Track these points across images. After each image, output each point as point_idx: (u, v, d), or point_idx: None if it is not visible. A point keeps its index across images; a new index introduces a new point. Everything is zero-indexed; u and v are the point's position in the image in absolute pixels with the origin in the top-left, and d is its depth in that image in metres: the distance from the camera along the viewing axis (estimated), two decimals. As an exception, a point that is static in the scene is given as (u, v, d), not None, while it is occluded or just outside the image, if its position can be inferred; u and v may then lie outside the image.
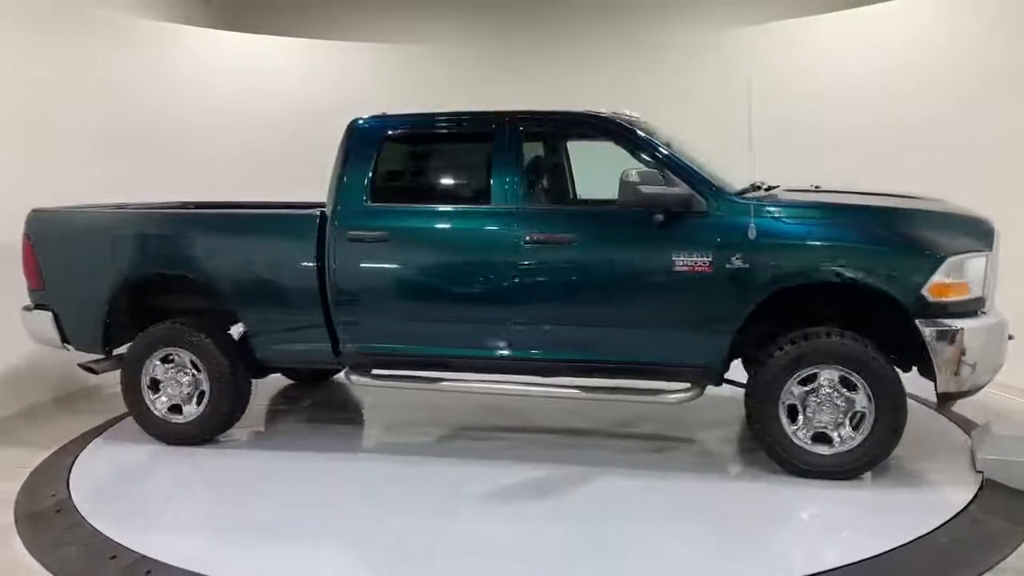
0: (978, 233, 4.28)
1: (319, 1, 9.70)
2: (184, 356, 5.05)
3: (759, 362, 4.37)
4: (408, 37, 9.45)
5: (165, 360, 5.09)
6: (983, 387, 4.31)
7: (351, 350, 4.89)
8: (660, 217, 4.37)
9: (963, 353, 4.14)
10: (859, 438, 4.26)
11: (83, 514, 4.16)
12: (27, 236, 5.29)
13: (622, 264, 4.49)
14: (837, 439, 4.29)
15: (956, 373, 4.16)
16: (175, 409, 5.11)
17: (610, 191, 5.36)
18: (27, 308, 5.41)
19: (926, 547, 3.60)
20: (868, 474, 4.35)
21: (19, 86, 6.42)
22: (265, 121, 8.63)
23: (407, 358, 4.86)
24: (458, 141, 5.11)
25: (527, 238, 4.52)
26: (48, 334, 5.31)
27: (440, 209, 4.85)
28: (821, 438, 4.32)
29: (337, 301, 4.77)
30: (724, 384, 4.62)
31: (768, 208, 4.33)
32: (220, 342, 5.02)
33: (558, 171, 5.59)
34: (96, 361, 5.35)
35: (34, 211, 5.36)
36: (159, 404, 5.10)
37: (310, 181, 5.82)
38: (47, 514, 4.23)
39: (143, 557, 3.65)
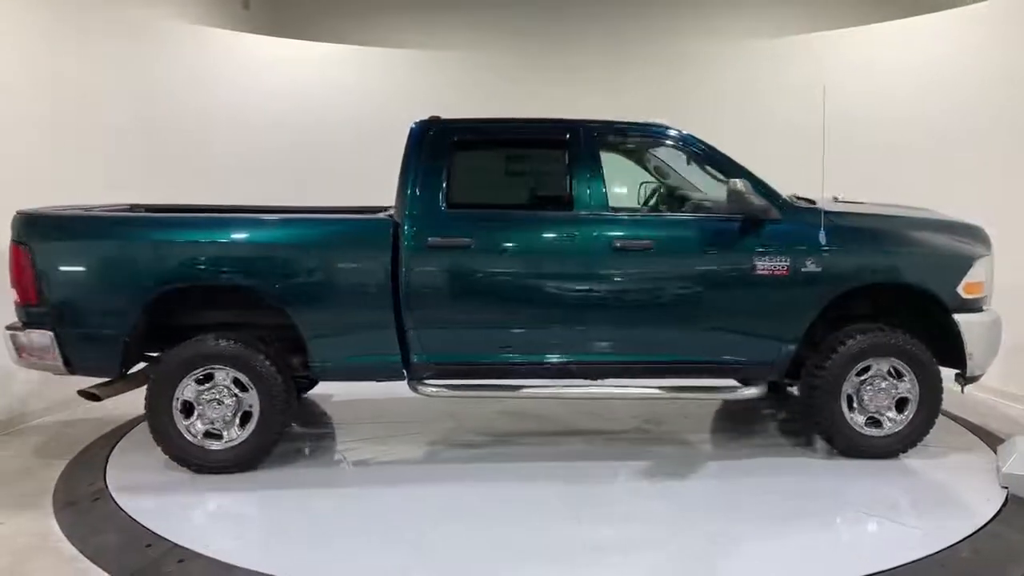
0: (984, 239, 5.01)
1: (357, 7, 9.49)
2: (226, 374, 4.59)
3: (821, 355, 4.80)
4: (441, 43, 9.32)
5: (198, 380, 4.59)
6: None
7: (423, 361, 4.71)
8: (736, 224, 4.69)
9: (983, 341, 4.86)
10: (905, 421, 4.84)
11: (119, 503, 4.27)
12: (20, 243, 4.51)
13: (707, 269, 4.71)
14: (887, 423, 4.85)
15: (976, 359, 4.85)
16: (209, 435, 4.62)
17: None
18: (13, 327, 4.62)
19: (948, 560, 3.65)
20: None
21: (42, 87, 6.22)
22: (290, 124, 8.37)
23: (483, 367, 4.76)
24: (534, 147, 5.05)
25: (616, 244, 4.64)
26: (44, 357, 4.58)
27: (527, 215, 4.82)
28: (872, 422, 4.86)
29: (412, 310, 4.58)
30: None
31: (834, 217, 4.78)
32: (273, 357, 4.62)
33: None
34: (100, 386, 4.69)
35: (24, 214, 4.59)
36: (195, 430, 4.59)
37: (325, 184, 5.53)
38: (85, 502, 4.34)
39: (176, 546, 3.74)
